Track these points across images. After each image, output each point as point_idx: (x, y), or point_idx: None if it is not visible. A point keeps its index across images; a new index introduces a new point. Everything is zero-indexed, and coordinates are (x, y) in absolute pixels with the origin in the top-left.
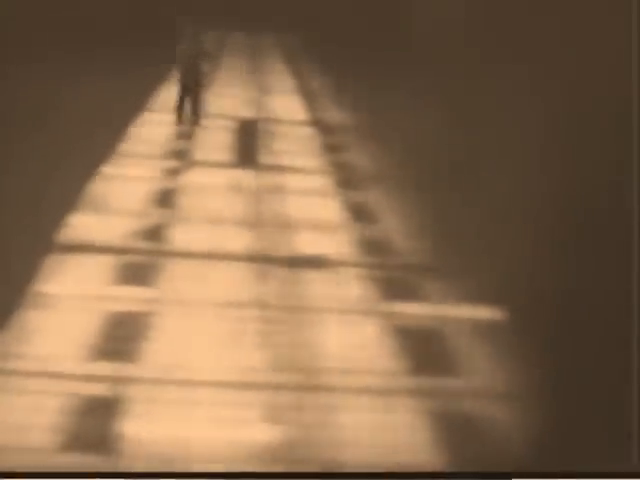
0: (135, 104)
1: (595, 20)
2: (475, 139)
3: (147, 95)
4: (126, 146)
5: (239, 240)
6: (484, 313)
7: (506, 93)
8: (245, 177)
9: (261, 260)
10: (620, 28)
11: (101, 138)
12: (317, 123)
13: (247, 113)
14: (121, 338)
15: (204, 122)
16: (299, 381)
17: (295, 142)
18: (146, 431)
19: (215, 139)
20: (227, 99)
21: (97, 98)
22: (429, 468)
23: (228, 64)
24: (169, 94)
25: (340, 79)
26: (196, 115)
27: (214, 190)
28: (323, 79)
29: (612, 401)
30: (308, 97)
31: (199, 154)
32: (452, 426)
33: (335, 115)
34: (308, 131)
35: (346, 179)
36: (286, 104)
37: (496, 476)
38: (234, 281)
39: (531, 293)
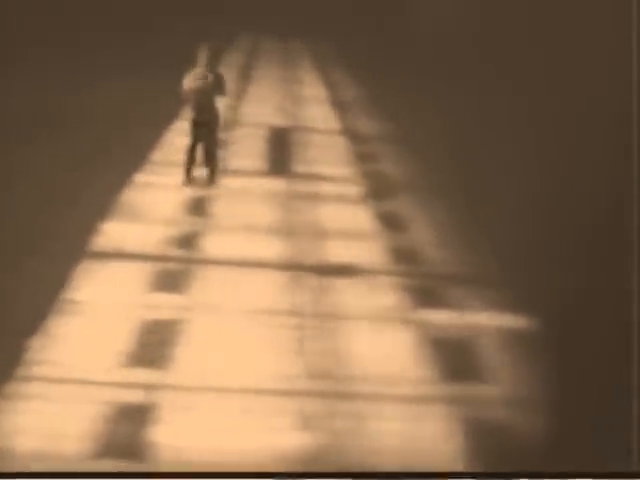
0: (165, 111)
1: (595, 20)
2: (506, 147)
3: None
4: (159, 154)
5: (271, 248)
6: (515, 321)
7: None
8: (278, 185)
9: (293, 268)
10: (620, 28)
11: (134, 146)
12: (349, 132)
13: (279, 121)
14: (154, 345)
15: (221, 180)
16: (331, 388)
17: (327, 151)
18: (178, 439)
19: (248, 147)
20: (259, 107)
21: (124, 104)
22: (458, 476)
23: (260, 72)
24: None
25: (372, 88)
26: (211, 169)
27: (247, 198)
28: (355, 88)
29: (612, 401)
30: (340, 106)
31: (232, 162)
32: (482, 434)
33: (367, 124)
34: (340, 140)
35: (377, 188)
36: (318, 113)
37: (496, 476)
38: (267, 289)
39: (562, 301)
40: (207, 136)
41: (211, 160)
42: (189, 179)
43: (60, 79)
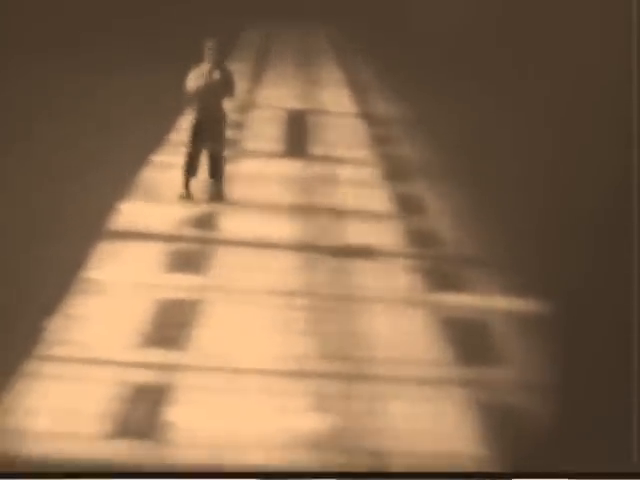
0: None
1: (596, 20)
2: (521, 131)
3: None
4: (178, 134)
5: (288, 229)
6: (529, 305)
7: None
8: (295, 167)
9: (310, 249)
10: (621, 28)
11: (152, 127)
12: (366, 115)
13: (296, 104)
14: (171, 325)
15: (227, 197)
16: (347, 370)
17: (344, 133)
18: (194, 419)
19: (265, 129)
20: (276, 90)
21: (143, 85)
22: (473, 457)
23: (276, 56)
24: None
25: (388, 71)
26: (218, 182)
27: (264, 179)
28: (372, 71)
29: (612, 401)
30: (357, 89)
31: (250, 144)
32: (497, 416)
33: (383, 107)
34: (357, 122)
35: (394, 170)
36: (335, 96)
37: (496, 476)
38: (283, 270)
39: (576, 285)
40: (212, 142)
41: (217, 171)
42: (188, 192)
43: (79, 61)
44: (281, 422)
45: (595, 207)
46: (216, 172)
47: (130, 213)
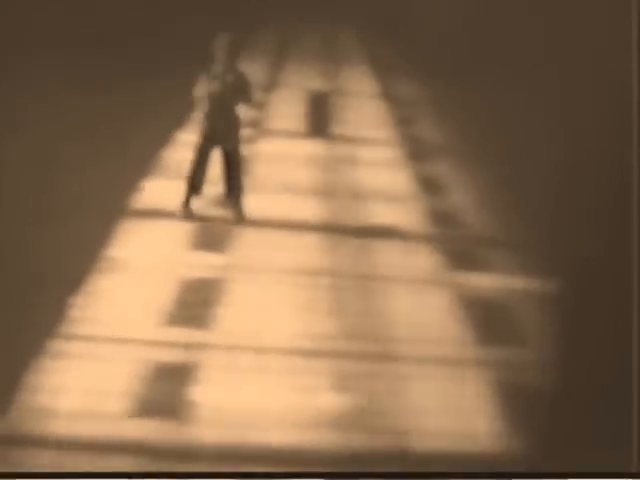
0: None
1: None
2: (543, 112)
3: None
4: None
5: (311, 209)
6: (550, 285)
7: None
8: (317, 147)
9: (332, 229)
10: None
11: (176, 105)
12: (388, 95)
13: (318, 84)
14: (194, 304)
15: (246, 212)
16: (369, 349)
17: (366, 114)
18: (217, 398)
19: (287, 109)
20: (298, 70)
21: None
22: (493, 436)
23: (298, 38)
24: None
25: (410, 51)
26: (236, 199)
27: (287, 159)
28: (394, 51)
29: (612, 401)
30: (379, 69)
31: (272, 123)
32: (517, 395)
33: (406, 87)
34: (379, 103)
35: (416, 151)
36: (357, 76)
37: (496, 476)
38: (306, 249)
39: (598, 266)
40: (228, 154)
41: (235, 186)
42: (188, 210)
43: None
44: (303, 401)
45: (617, 186)
46: (234, 188)
47: (154, 191)
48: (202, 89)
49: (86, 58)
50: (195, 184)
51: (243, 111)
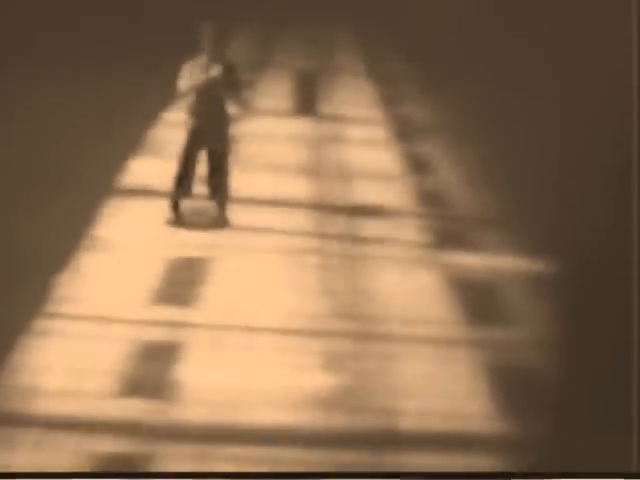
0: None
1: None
2: (534, 89)
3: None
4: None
5: (299, 188)
6: (539, 265)
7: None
8: (305, 126)
9: (321, 208)
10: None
11: (162, 84)
12: (375, 74)
13: (306, 63)
14: (180, 283)
15: (231, 217)
16: (358, 329)
17: (354, 93)
18: (204, 377)
19: (275, 88)
20: (286, 49)
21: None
22: (483, 418)
23: (286, 18)
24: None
25: (400, 31)
26: (220, 203)
27: (274, 138)
28: (382, 30)
29: (606, 381)
30: (367, 48)
31: (260, 102)
32: (507, 376)
33: (393, 66)
34: (367, 82)
35: (404, 130)
36: (345, 55)
37: (496, 476)
38: (294, 228)
39: (587, 245)
40: (213, 154)
41: (220, 189)
42: (178, 216)
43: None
44: (291, 380)
45: (609, 166)
46: (218, 191)
47: (140, 170)
48: (186, 83)
49: (72, 40)
50: (183, 187)
51: (233, 109)
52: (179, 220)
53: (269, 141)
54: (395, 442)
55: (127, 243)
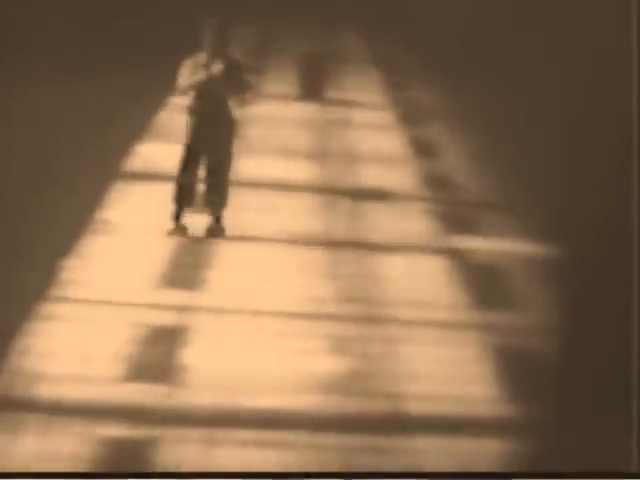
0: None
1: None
2: (539, 73)
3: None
4: None
5: (305, 172)
6: (545, 249)
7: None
8: (312, 110)
9: (326, 192)
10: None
11: (171, 67)
12: (382, 59)
13: (312, 48)
14: (186, 267)
15: (226, 228)
16: (364, 313)
17: (360, 78)
18: (210, 361)
19: (282, 73)
20: (293, 34)
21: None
22: (488, 400)
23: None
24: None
25: (407, 17)
26: (216, 212)
27: (281, 122)
28: (389, 16)
29: (610, 365)
30: (374, 33)
31: (266, 87)
32: (512, 359)
33: (400, 52)
34: (373, 67)
35: (410, 114)
36: (352, 40)
37: (496, 476)
38: (300, 212)
39: (593, 229)
40: (213, 158)
41: (217, 196)
42: (180, 226)
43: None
44: (297, 364)
45: (614, 151)
46: (215, 198)
47: (147, 155)
48: (186, 81)
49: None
50: (185, 196)
51: (237, 111)
52: (183, 231)
53: (276, 125)
54: (401, 425)
55: (133, 227)
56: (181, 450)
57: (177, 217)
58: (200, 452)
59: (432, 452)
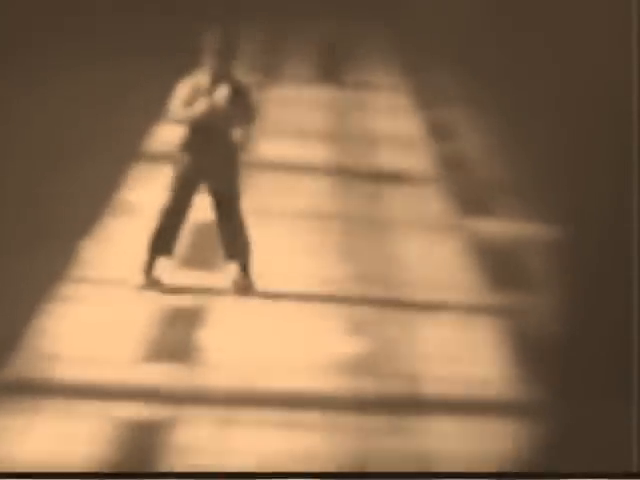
0: None
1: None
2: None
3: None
4: None
5: (322, 154)
6: (561, 232)
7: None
8: (329, 92)
9: (344, 174)
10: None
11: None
12: (398, 41)
13: (330, 31)
14: (205, 248)
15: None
16: (381, 294)
17: (378, 60)
18: (228, 342)
19: (299, 55)
20: (310, 18)
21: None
22: (503, 382)
23: None
24: None
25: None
26: (241, 262)
27: (299, 104)
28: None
29: (612, 400)
30: (391, 17)
31: (284, 69)
32: (528, 342)
33: (417, 34)
34: (390, 50)
35: (427, 97)
36: (368, 24)
37: (496, 476)
38: (317, 194)
39: (608, 212)
40: (219, 197)
41: (238, 244)
42: (151, 279)
43: None
44: (314, 345)
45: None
46: (237, 247)
47: (167, 135)
48: (182, 109)
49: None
50: (162, 243)
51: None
52: (154, 283)
53: (293, 107)
54: (417, 407)
55: (153, 208)
56: (197, 431)
57: (150, 267)
58: (216, 433)
59: (447, 433)
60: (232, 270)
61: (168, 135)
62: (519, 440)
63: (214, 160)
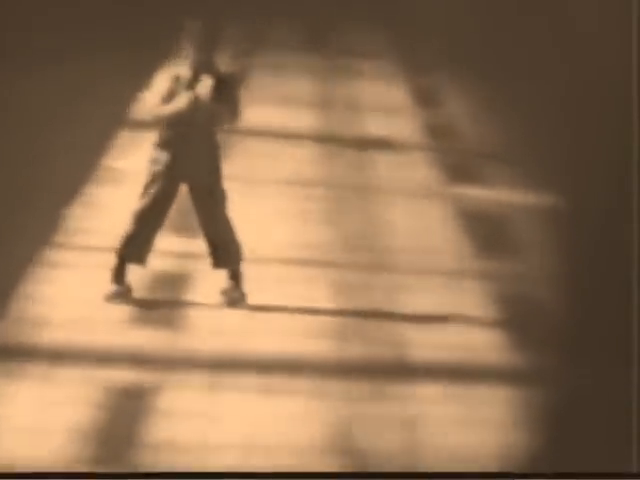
0: None
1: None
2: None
3: None
4: None
5: (307, 120)
6: (548, 199)
7: None
8: (315, 60)
9: (329, 140)
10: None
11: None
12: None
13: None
14: (190, 213)
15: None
16: (366, 260)
17: (363, 28)
18: (213, 307)
19: (285, 23)
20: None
21: None
22: (492, 349)
23: None
24: None
25: None
26: (231, 271)
27: (284, 71)
28: None
29: (612, 401)
30: None
31: (269, 36)
32: (514, 306)
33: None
34: (376, 17)
35: (414, 64)
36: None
37: (496, 476)
38: (303, 160)
39: (597, 180)
40: (199, 194)
41: (227, 251)
42: (121, 288)
43: None
44: (300, 310)
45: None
46: (224, 253)
47: (153, 101)
48: (159, 105)
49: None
50: (134, 249)
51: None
52: (124, 294)
53: (279, 73)
54: (404, 372)
55: (139, 175)
56: (185, 395)
57: (119, 275)
58: (203, 398)
59: (435, 399)
60: (221, 279)
61: (155, 101)
62: (505, 405)
63: (196, 159)
